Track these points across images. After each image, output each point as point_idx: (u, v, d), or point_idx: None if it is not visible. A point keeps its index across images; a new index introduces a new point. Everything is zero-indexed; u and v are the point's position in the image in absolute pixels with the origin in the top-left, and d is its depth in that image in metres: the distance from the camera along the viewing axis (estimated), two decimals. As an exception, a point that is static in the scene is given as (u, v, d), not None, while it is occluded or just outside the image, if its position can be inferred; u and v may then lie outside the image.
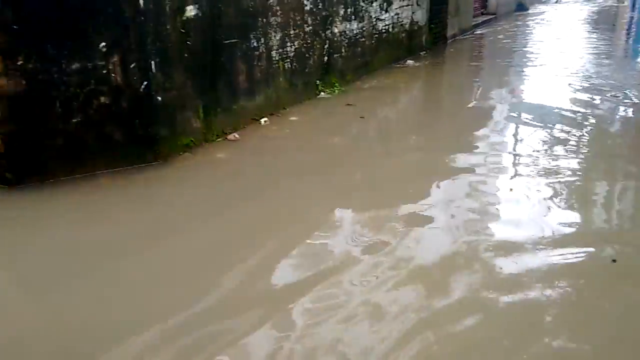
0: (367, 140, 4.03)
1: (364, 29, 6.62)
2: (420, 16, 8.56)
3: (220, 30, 3.74)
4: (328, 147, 3.67)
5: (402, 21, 7.79)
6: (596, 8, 19.56)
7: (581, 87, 5.47)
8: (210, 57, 3.66)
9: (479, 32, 11.84)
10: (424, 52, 8.68)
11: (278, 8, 4.53)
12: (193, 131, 3.53)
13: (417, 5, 8.31)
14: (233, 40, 3.86)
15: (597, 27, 12.09)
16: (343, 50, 6.18)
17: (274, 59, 4.55)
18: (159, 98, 3.17)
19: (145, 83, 3.04)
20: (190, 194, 2.79)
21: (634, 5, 17.98)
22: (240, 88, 4.14)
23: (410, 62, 7.75)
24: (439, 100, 5.52)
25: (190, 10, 3.36)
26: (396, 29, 7.61)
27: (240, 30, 4.01)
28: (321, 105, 5.16)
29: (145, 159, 3.15)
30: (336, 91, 5.77)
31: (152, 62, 3.07)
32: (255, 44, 4.22)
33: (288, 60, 4.80)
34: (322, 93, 5.66)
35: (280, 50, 4.61)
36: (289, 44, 4.74)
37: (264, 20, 4.27)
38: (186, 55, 3.35)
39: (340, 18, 6.02)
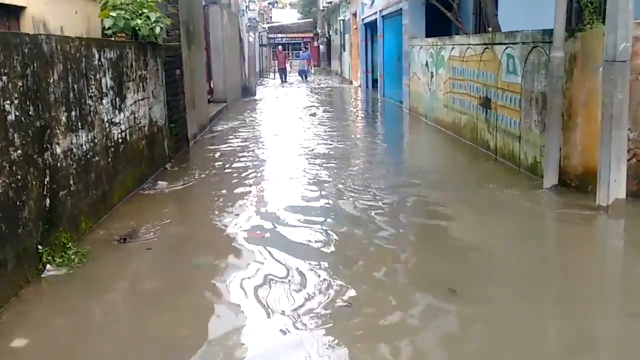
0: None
1: (96, 140, 5.45)
2: (159, 112, 7.89)
3: None
4: None
5: (140, 122, 6.94)
6: (323, 89, 23.16)
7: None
8: None
9: (218, 128, 12.02)
10: (170, 164, 8.07)
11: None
12: None
13: (154, 97, 7.61)
14: None
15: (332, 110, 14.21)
16: (72, 182, 4.79)
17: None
18: None
19: None
20: None
21: (367, 85, 22.09)
22: None
23: (162, 184, 6.91)
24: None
25: None
26: (135, 136, 6.68)
27: None
28: (49, 303, 3.71)
29: None
30: (73, 258, 4.29)
31: None
32: None
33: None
34: (49, 266, 4.09)
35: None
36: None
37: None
38: None
39: (63, 128, 4.68)
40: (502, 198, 6.17)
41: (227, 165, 8.19)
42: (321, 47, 43.96)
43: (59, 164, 4.57)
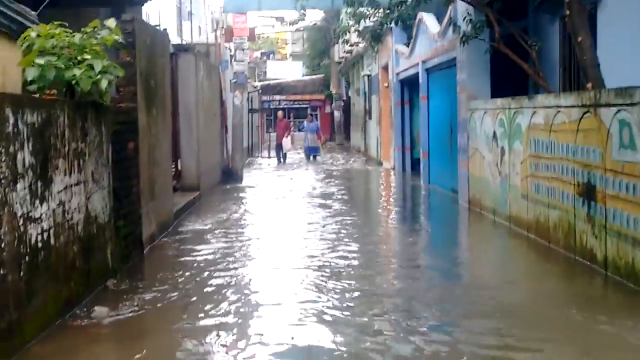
0: None
1: (4, 244, 5.27)
2: (101, 204, 7.78)
3: None
4: None
5: (72, 218, 6.81)
6: (340, 173, 23.16)
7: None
8: None
9: (186, 228, 11.89)
10: (114, 281, 7.92)
11: None
12: None
13: (94, 181, 7.49)
14: None
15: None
16: (-39, 308, 4.52)
17: None
18: None
19: None
20: None
21: (404, 168, 22.21)
22: None
23: (100, 310, 6.74)
24: None
25: None
26: (63, 238, 6.56)
27: None
28: None
29: None
30: None
31: None
32: None
33: None
34: None
35: None
36: None
37: None
38: None
39: (-46, 225, 4.47)
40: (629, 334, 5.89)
41: (197, 286, 7.93)
42: (336, 113, 44.73)
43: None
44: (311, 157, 29.76)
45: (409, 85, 22.51)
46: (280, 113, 31.99)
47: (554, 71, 12.36)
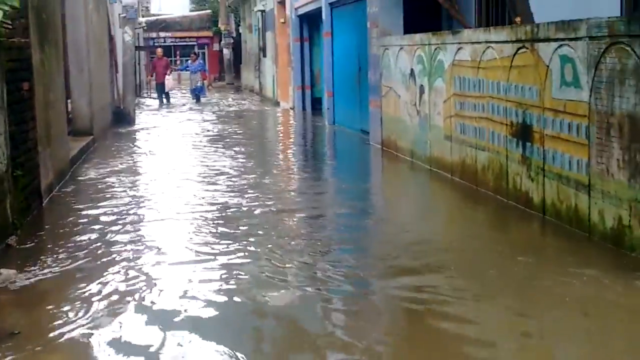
0: None
1: None
2: (-3, 153, 7.01)
3: None
4: None
5: (-32, 170, 6.03)
6: (235, 115, 22.61)
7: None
8: None
9: (84, 177, 11.25)
10: (15, 238, 7.24)
11: None
12: None
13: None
14: None
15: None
16: None
17: None
18: None
19: None
20: None
21: (304, 108, 21.80)
22: None
23: (6, 273, 6.09)
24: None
25: None
26: None
27: None
28: None
29: None
30: None
31: None
32: None
33: None
34: None
35: None
36: None
37: None
38: None
39: None
40: (585, 288, 5.67)
41: (104, 240, 7.35)
42: (225, 51, 43.74)
43: None
44: (195, 98, 28.89)
45: (309, 21, 22.03)
46: (159, 50, 30.73)
47: (469, 6, 12.10)
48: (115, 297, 5.62)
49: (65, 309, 5.36)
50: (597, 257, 6.31)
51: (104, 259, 6.63)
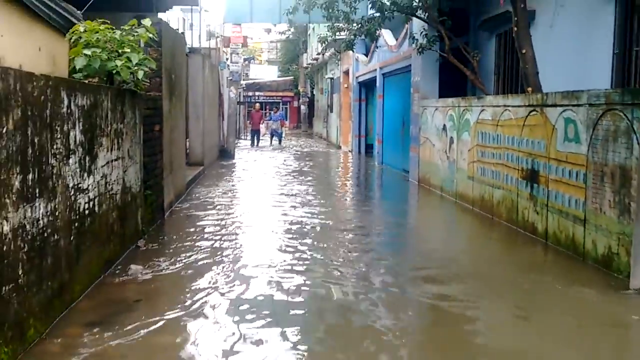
0: None
1: (58, 213, 4.46)
2: (134, 176, 6.99)
3: None
4: None
5: (112, 188, 6.01)
6: (308, 154, 22.45)
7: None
8: None
9: (196, 196, 11.14)
10: (143, 241, 7.10)
11: None
12: None
13: (129, 157, 6.71)
14: None
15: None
16: (21, 271, 3.78)
17: None
18: None
19: None
20: None
21: (360, 151, 21.49)
22: None
23: (135, 268, 5.94)
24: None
25: None
26: (105, 206, 5.73)
27: None
28: None
29: None
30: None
31: None
32: None
33: None
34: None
35: None
36: None
37: None
38: None
39: (15, 196, 3.71)
40: (580, 303, 5.31)
41: (211, 245, 7.20)
42: (302, 107, 43.80)
43: (5, 247, 3.57)
44: (274, 138, 28.65)
45: (366, 86, 21.83)
46: (257, 105, 30.67)
47: (489, 78, 11.80)
48: (215, 287, 5.48)
49: (176, 294, 5.25)
50: (591, 277, 5.93)
51: (210, 260, 6.50)
